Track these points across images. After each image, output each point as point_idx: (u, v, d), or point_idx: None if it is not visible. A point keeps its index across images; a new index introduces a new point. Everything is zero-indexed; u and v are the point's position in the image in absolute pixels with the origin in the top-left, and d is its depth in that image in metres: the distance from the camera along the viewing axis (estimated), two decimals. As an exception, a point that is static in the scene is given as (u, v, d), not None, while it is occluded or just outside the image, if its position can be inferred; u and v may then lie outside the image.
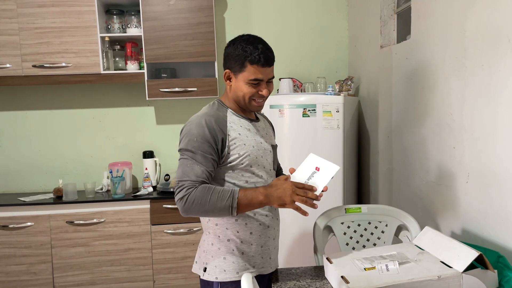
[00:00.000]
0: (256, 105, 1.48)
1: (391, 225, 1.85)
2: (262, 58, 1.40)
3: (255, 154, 1.45)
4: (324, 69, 3.34)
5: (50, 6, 2.79)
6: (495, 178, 1.56)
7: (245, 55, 1.39)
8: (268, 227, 1.51)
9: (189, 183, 1.33)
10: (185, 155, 1.39)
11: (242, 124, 1.48)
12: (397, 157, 2.45)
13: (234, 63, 1.43)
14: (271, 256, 1.54)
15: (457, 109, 1.80)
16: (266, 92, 1.44)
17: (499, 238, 1.56)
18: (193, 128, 1.39)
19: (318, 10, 3.32)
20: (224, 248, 1.47)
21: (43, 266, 2.78)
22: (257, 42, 1.42)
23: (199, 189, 1.32)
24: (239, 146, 1.42)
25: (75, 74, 2.85)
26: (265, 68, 1.42)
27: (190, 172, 1.35)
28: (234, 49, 1.42)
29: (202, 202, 1.31)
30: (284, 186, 1.32)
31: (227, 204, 1.31)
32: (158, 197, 2.84)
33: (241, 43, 1.42)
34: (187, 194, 1.31)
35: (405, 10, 2.44)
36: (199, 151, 1.36)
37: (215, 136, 1.38)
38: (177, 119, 3.28)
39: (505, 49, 1.48)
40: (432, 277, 1.24)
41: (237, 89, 1.44)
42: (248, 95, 1.44)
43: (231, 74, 1.45)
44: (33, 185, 3.22)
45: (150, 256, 2.84)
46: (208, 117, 1.41)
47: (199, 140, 1.37)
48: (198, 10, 2.89)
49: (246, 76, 1.41)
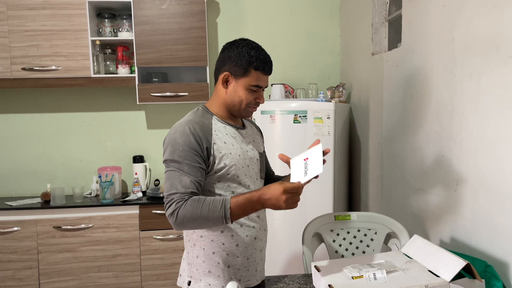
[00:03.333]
0: (250, 112, 1.45)
1: (381, 233, 1.84)
2: (267, 66, 1.39)
3: (241, 164, 1.41)
4: (316, 76, 3.34)
5: (40, 9, 2.77)
6: (484, 187, 1.56)
7: (251, 60, 1.36)
8: (255, 239, 1.45)
9: (178, 196, 1.28)
10: (171, 167, 1.32)
11: (228, 131, 1.43)
12: (387, 164, 2.45)
13: (236, 67, 1.37)
14: (257, 268, 1.48)
15: (446, 117, 1.80)
16: (263, 100, 1.43)
17: (487, 247, 1.55)
18: (177, 136, 1.33)
19: (310, 17, 3.33)
20: (209, 261, 1.41)
21: (29, 271, 2.73)
22: (261, 49, 1.40)
23: (189, 202, 1.26)
24: (225, 155, 1.37)
25: (65, 77, 2.83)
26: (266, 76, 1.41)
27: (178, 184, 1.29)
28: (238, 53, 1.37)
29: (194, 216, 1.26)
30: (276, 195, 1.24)
31: (220, 215, 1.25)
32: (147, 203, 2.81)
33: (245, 47, 1.37)
34: (177, 209, 1.26)
35: (396, 18, 2.46)
36: (185, 160, 1.31)
37: (200, 144, 1.33)
38: (168, 123, 3.25)
39: (493, 58, 1.49)
40: (419, 286, 1.24)
41: (234, 93, 1.40)
42: (246, 101, 1.40)
43: (231, 77, 1.39)
44: (20, 189, 3.18)
45: (139, 262, 2.80)
46: (192, 124, 1.35)
47: (185, 149, 1.31)
48: (190, 15, 2.88)
49: (248, 81, 1.38)
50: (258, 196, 1.27)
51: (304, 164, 1.35)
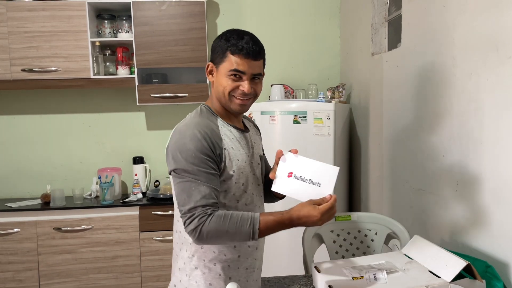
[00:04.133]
0: (237, 103, 1.28)
1: (381, 233, 1.84)
2: (244, 48, 1.25)
3: (248, 171, 1.32)
4: (316, 76, 3.34)
5: (40, 10, 2.77)
6: (484, 187, 1.56)
7: (227, 44, 1.26)
8: (257, 249, 1.38)
9: (200, 211, 1.16)
10: (184, 177, 1.19)
11: (234, 135, 1.32)
12: (387, 165, 2.45)
13: (216, 54, 1.29)
14: (255, 278, 1.41)
15: (446, 117, 1.80)
16: (247, 88, 1.26)
17: (487, 248, 1.55)
18: (187, 142, 1.20)
19: (310, 17, 3.33)
20: (209, 273, 1.29)
21: (29, 273, 2.73)
22: (244, 34, 1.29)
23: (214, 219, 1.16)
24: (234, 162, 1.27)
25: (65, 78, 2.82)
26: (249, 61, 1.26)
27: (197, 196, 1.17)
28: (219, 40, 1.29)
29: (219, 234, 1.17)
30: (313, 219, 1.19)
31: (247, 234, 1.17)
32: (147, 204, 2.81)
33: (226, 34, 1.29)
34: (201, 225, 1.15)
35: (396, 18, 2.45)
36: (201, 168, 1.19)
37: (213, 149, 1.21)
38: (168, 124, 3.25)
39: (493, 58, 1.49)
40: (420, 286, 1.23)
41: (217, 83, 1.29)
42: (228, 88, 1.26)
43: (213, 67, 1.30)
44: (20, 191, 3.17)
45: (139, 263, 2.80)
46: (202, 128, 1.23)
47: (198, 156, 1.19)
48: (190, 15, 2.88)
49: (226, 66, 1.26)
50: (290, 219, 1.21)
51: (300, 179, 1.34)
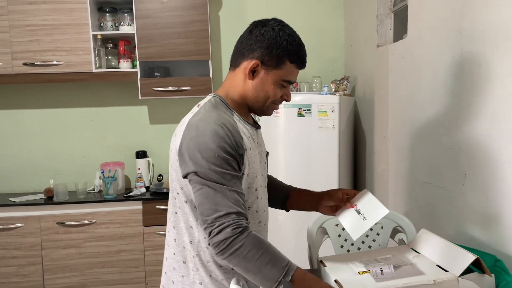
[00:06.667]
0: (272, 111, 1.22)
1: (387, 227, 1.82)
2: (304, 60, 1.18)
3: (259, 172, 1.20)
4: (320, 69, 3.30)
5: (41, 3, 2.74)
6: (492, 180, 1.53)
7: (289, 50, 1.13)
8: None
9: (232, 220, 1.02)
10: (207, 182, 1.04)
11: (250, 133, 1.19)
12: (393, 158, 2.42)
13: (270, 56, 1.13)
14: None
15: (453, 109, 1.76)
16: (290, 98, 1.21)
17: (496, 241, 1.53)
18: (207, 140, 1.05)
19: (314, 9, 3.28)
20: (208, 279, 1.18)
21: (33, 267, 2.73)
22: (299, 39, 1.19)
23: (251, 235, 1.03)
24: (251, 165, 1.15)
25: (67, 72, 2.81)
26: (298, 71, 1.20)
27: (226, 202, 1.03)
28: (274, 39, 1.12)
29: (250, 257, 1.02)
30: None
31: (275, 277, 1.04)
32: (150, 198, 2.80)
33: (281, 32, 1.14)
34: (234, 236, 1.01)
35: (401, 8, 2.41)
36: (226, 170, 1.05)
37: (236, 148, 1.08)
38: (170, 118, 3.23)
39: (503, 48, 1.45)
40: (427, 281, 1.21)
41: (261, 87, 1.15)
42: (274, 97, 1.17)
43: (262, 68, 1.14)
44: (23, 185, 3.17)
45: (143, 258, 2.79)
46: (224, 124, 1.09)
47: (221, 156, 1.04)
48: (192, 8, 2.85)
49: (281, 75, 1.15)
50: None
51: (356, 211, 1.32)
